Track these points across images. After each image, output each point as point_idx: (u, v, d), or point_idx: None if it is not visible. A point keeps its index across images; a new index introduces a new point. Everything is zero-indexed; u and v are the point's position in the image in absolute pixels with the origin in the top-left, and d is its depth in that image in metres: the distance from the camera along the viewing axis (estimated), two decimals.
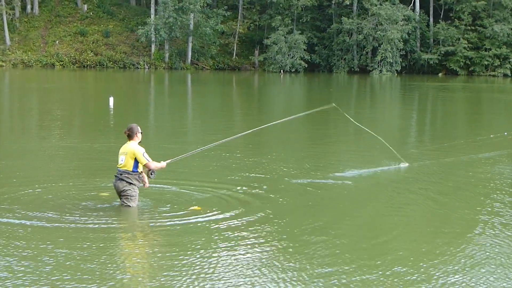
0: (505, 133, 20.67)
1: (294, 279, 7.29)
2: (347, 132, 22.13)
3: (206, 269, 7.52)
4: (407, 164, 14.44)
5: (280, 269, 7.64)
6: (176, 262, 7.76)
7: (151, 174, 10.13)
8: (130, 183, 9.90)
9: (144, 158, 9.79)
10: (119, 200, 10.19)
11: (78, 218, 9.58)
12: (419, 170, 14.50)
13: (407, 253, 8.41)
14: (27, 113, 27.21)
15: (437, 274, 7.52)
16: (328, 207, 11.05)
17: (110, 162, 12.40)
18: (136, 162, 9.85)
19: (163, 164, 10.20)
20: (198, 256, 8.00)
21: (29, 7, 69.45)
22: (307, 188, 12.33)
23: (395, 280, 7.30)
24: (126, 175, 9.86)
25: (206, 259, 7.88)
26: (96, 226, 9.24)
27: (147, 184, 10.15)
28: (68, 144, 17.82)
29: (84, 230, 9.03)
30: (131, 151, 9.81)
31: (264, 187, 12.10)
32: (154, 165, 9.98)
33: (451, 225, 9.97)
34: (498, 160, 16.20)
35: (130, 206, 9.96)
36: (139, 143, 10.04)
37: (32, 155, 15.98)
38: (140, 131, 10.05)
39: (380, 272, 7.52)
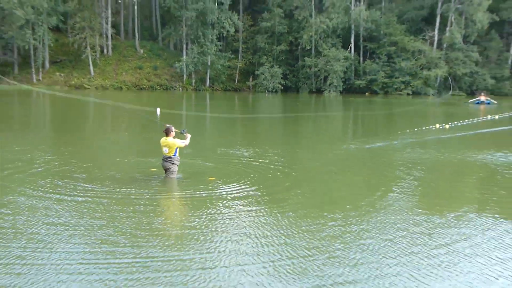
0: (408, 130, 20.91)
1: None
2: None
3: (229, 229, 6.87)
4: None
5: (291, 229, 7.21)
6: (206, 222, 7.20)
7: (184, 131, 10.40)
8: (173, 164, 10.06)
9: (181, 143, 9.95)
10: (164, 173, 10.28)
11: (133, 186, 9.46)
12: (351, 153, 14.55)
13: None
14: (102, 118, 27.14)
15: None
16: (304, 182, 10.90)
17: (156, 149, 12.41)
18: (176, 149, 9.98)
19: (189, 136, 10.33)
20: (219, 218, 7.41)
21: (105, 51, 69.02)
22: (285, 171, 12.07)
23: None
24: (170, 159, 10.02)
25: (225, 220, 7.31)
26: (145, 192, 9.05)
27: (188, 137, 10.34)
28: (128, 138, 17.85)
29: (136, 196, 8.82)
30: (172, 144, 9.93)
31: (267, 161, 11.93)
32: (186, 142, 10.14)
33: (371, 191, 10.09)
34: (403, 147, 16.36)
35: (172, 177, 10.08)
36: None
37: (102, 144, 15.96)
38: (173, 129, 10.12)
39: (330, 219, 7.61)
